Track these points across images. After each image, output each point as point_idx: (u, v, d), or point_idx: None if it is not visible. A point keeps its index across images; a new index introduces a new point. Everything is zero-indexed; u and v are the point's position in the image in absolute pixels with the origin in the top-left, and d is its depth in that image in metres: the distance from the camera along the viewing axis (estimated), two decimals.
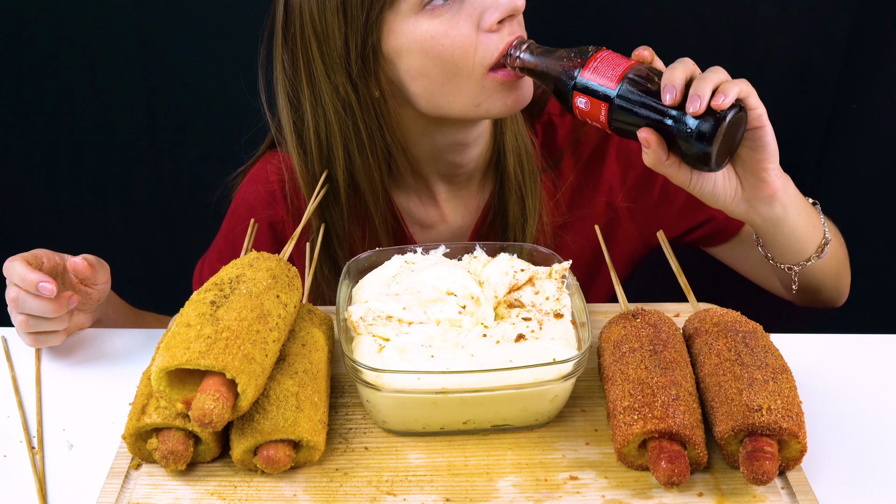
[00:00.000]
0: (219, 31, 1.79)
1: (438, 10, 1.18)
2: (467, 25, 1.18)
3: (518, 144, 1.38)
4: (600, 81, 1.12)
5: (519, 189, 1.39)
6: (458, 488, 0.99)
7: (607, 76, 1.11)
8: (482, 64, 1.20)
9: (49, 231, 1.99)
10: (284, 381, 1.00)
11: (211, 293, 1.02)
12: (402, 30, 1.20)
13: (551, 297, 1.13)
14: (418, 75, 1.22)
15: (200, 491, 0.98)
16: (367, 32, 1.20)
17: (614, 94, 1.11)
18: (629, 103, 1.11)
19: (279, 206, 1.41)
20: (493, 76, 1.21)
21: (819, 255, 1.28)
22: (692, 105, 1.06)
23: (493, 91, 1.22)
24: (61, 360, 1.23)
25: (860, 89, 1.74)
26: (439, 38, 1.19)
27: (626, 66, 1.11)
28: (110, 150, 1.91)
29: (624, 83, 1.11)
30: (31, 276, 1.14)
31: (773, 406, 0.95)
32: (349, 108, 1.27)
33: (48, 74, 1.83)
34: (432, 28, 1.18)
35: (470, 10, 1.18)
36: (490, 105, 1.23)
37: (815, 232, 1.27)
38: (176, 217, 1.99)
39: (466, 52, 1.19)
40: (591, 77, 1.12)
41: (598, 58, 1.13)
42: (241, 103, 1.82)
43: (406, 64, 1.22)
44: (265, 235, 1.42)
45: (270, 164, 1.42)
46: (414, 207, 1.43)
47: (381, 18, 1.19)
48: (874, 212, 1.85)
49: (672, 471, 0.94)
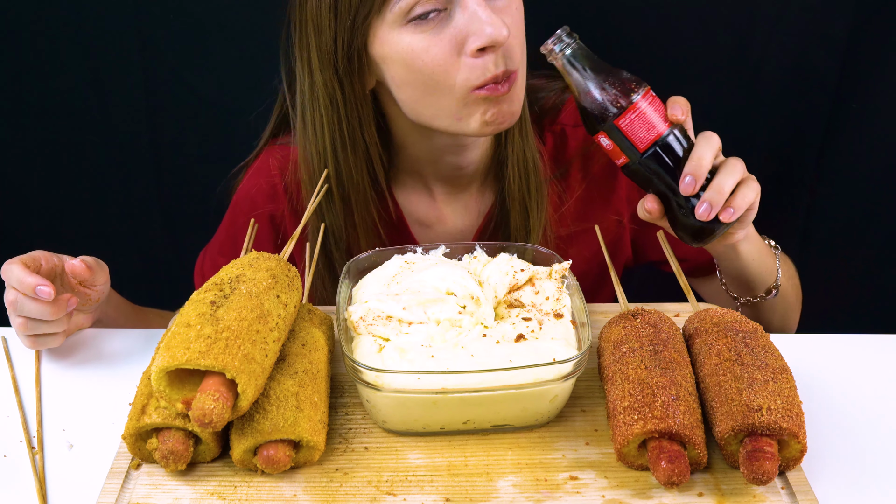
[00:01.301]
0: (219, 31, 1.79)
1: (423, 26, 1.18)
2: (449, 46, 1.18)
3: (524, 158, 1.37)
4: (631, 138, 1.13)
5: (523, 201, 1.38)
6: (458, 488, 0.99)
7: (639, 137, 1.13)
8: (465, 86, 1.20)
9: (49, 231, 1.99)
10: (284, 381, 1.00)
11: (211, 293, 1.02)
12: (388, 38, 1.20)
13: (551, 297, 1.13)
14: (402, 84, 1.23)
15: (200, 491, 0.98)
16: (354, 35, 1.20)
17: (639, 158, 1.14)
18: (648, 170, 1.15)
19: (280, 201, 1.42)
20: (478, 92, 1.21)
21: (764, 296, 1.36)
22: (702, 210, 1.12)
23: (477, 104, 1.22)
24: (61, 361, 1.23)
25: (860, 89, 1.74)
26: (420, 54, 1.19)
27: (658, 133, 1.13)
28: (110, 150, 1.91)
29: (651, 150, 1.13)
30: (29, 280, 1.14)
31: (773, 406, 0.95)
32: (335, 104, 1.27)
33: (48, 74, 1.83)
34: (415, 42, 1.19)
35: (454, 31, 1.18)
36: (472, 119, 1.23)
37: (767, 276, 1.35)
38: (176, 217, 1.99)
39: (447, 72, 1.19)
40: (624, 129, 1.13)
41: (636, 109, 1.12)
42: (242, 103, 1.82)
43: (391, 71, 1.23)
44: (266, 229, 1.43)
45: (273, 157, 1.43)
46: (413, 206, 1.44)
47: (368, 23, 1.20)
48: (874, 212, 1.85)
49: (672, 471, 0.94)
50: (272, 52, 1.42)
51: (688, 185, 1.12)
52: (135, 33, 1.79)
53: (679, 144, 1.14)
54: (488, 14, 1.16)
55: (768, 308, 1.39)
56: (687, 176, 1.12)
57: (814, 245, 1.91)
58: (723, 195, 1.12)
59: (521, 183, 1.37)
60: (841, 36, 1.70)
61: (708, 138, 1.14)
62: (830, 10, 1.69)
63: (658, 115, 1.13)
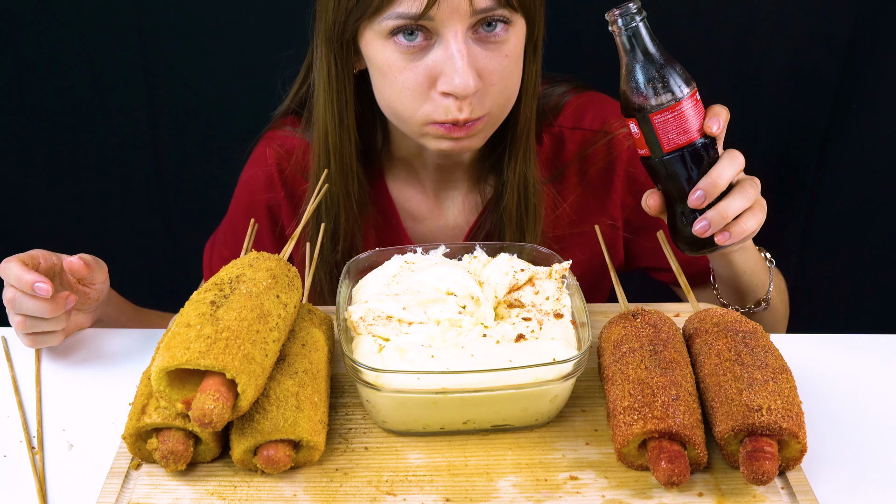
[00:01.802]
0: (219, 31, 1.79)
1: (403, 46, 1.19)
2: (422, 77, 1.20)
3: (525, 182, 1.37)
4: (660, 136, 1.11)
5: (520, 222, 1.40)
6: (458, 488, 0.99)
7: (668, 137, 1.11)
8: (424, 118, 1.22)
9: (49, 231, 1.99)
10: (284, 381, 1.00)
11: (211, 293, 1.02)
12: (373, 44, 1.22)
13: (551, 297, 1.13)
14: (377, 86, 1.26)
15: (200, 491, 0.98)
16: (346, 26, 1.22)
17: (661, 156, 1.12)
18: (665, 171, 1.13)
19: (277, 190, 1.44)
20: (436, 127, 1.23)
21: (753, 308, 1.38)
22: (699, 227, 1.12)
23: (434, 135, 1.25)
24: (61, 361, 1.23)
25: (860, 89, 1.74)
26: (395, 73, 1.21)
27: (688, 140, 1.11)
28: (110, 150, 1.91)
29: (675, 154, 1.11)
30: (27, 277, 1.14)
31: (773, 406, 0.95)
32: (330, 79, 1.29)
33: (48, 74, 1.83)
34: (393, 59, 1.20)
35: (430, 64, 1.19)
36: (428, 142, 1.27)
37: (758, 288, 1.36)
38: (176, 216, 1.99)
39: (413, 99, 1.21)
40: (657, 125, 1.10)
41: (675, 110, 1.10)
42: (242, 103, 1.82)
43: (371, 70, 1.26)
44: (264, 219, 1.45)
45: (270, 147, 1.44)
46: (406, 200, 1.45)
47: (359, 24, 1.22)
48: (874, 212, 1.85)
49: (672, 471, 0.93)
50: (272, 52, 1.42)
51: (696, 199, 1.11)
52: (135, 33, 1.79)
53: (703, 156, 1.12)
54: (464, 63, 1.17)
55: (756, 319, 1.39)
56: (699, 190, 1.11)
57: (814, 245, 1.91)
58: (725, 219, 1.11)
59: (520, 205, 1.38)
60: (841, 37, 1.71)
61: (733, 158, 1.12)
62: (831, 11, 1.69)
63: (694, 122, 1.11)
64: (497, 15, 1.18)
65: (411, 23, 1.16)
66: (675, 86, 1.10)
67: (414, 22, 1.16)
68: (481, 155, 1.41)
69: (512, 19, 1.20)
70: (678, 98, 1.10)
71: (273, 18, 1.76)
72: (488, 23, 1.19)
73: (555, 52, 1.33)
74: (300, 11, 1.34)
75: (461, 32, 1.17)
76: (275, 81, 1.43)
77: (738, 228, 1.12)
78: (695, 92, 1.11)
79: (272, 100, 1.45)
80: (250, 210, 1.43)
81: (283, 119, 1.45)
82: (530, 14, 1.23)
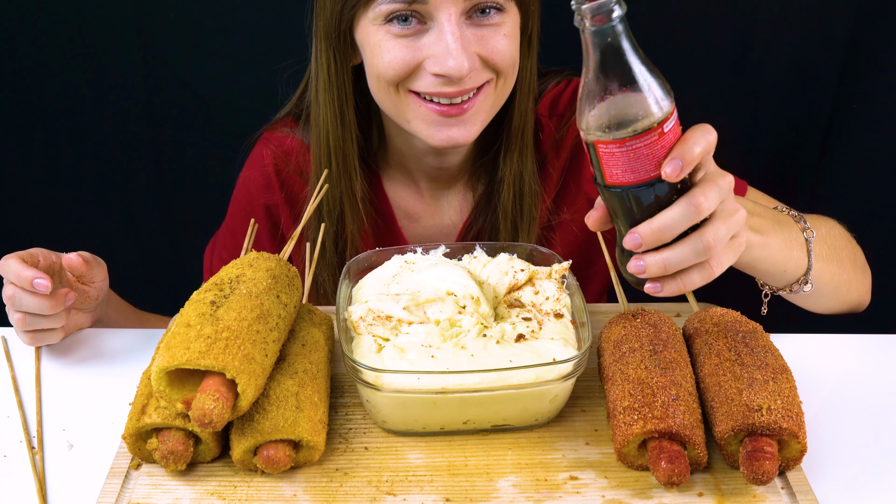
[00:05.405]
0: (219, 31, 1.79)
1: (397, 31, 1.21)
2: (412, 56, 1.21)
3: (521, 180, 1.38)
4: (603, 167, 0.92)
5: (514, 220, 1.40)
6: (458, 488, 0.99)
7: (611, 171, 0.92)
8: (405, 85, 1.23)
9: (49, 231, 1.99)
10: (284, 381, 1.00)
11: (211, 293, 1.02)
12: (368, 30, 1.23)
13: (551, 297, 1.13)
14: (370, 74, 1.27)
15: (200, 491, 0.98)
16: (342, 16, 1.24)
17: (602, 184, 0.94)
18: (606, 200, 0.97)
19: (274, 190, 1.44)
20: (426, 108, 1.24)
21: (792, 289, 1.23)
22: (632, 267, 0.96)
23: (423, 119, 1.25)
24: (61, 360, 1.23)
25: (860, 89, 1.74)
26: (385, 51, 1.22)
27: (634, 180, 0.91)
28: (110, 150, 1.91)
29: (616, 190, 0.93)
30: (26, 273, 1.14)
31: (773, 406, 0.95)
32: (330, 76, 1.30)
33: (48, 74, 1.83)
34: (386, 41, 1.22)
35: (423, 46, 1.21)
36: (417, 128, 1.27)
37: (786, 274, 1.20)
38: (176, 217, 1.99)
39: (399, 69, 1.22)
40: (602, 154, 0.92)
41: (624, 146, 0.89)
42: (242, 103, 1.82)
43: (366, 58, 1.27)
44: (263, 220, 1.45)
45: (267, 148, 1.45)
46: (402, 199, 1.45)
47: (355, 13, 1.23)
48: (874, 212, 1.85)
49: (672, 471, 0.94)
50: (273, 52, 1.42)
51: (629, 242, 0.94)
52: (135, 33, 1.79)
53: (652, 199, 0.92)
54: (457, 45, 1.18)
55: (798, 299, 1.28)
56: (636, 234, 0.93)
57: None
58: (663, 271, 0.95)
59: (515, 202, 1.38)
60: (842, 37, 1.71)
61: (692, 205, 0.91)
62: (831, 10, 1.69)
63: (647, 162, 0.90)
64: (490, 1, 1.20)
65: (405, 7, 1.18)
66: (632, 119, 0.88)
67: (408, 6, 1.17)
68: (476, 153, 1.41)
69: (506, 7, 1.21)
70: (630, 134, 0.89)
71: (273, 18, 1.75)
72: (482, 10, 1.20)
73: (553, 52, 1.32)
74: (300, 11, 1.34)
75: (455, 16, 1.18)
76: (275, 82, 1.43)
77: (674, 285, 0.96)
78: (664, 121, 0.89)
79: (272, 100, 1.45)
80: (249, 211, 1.43)
81: (280, 120, 1.45)
82: (524, 4, 1.23)
